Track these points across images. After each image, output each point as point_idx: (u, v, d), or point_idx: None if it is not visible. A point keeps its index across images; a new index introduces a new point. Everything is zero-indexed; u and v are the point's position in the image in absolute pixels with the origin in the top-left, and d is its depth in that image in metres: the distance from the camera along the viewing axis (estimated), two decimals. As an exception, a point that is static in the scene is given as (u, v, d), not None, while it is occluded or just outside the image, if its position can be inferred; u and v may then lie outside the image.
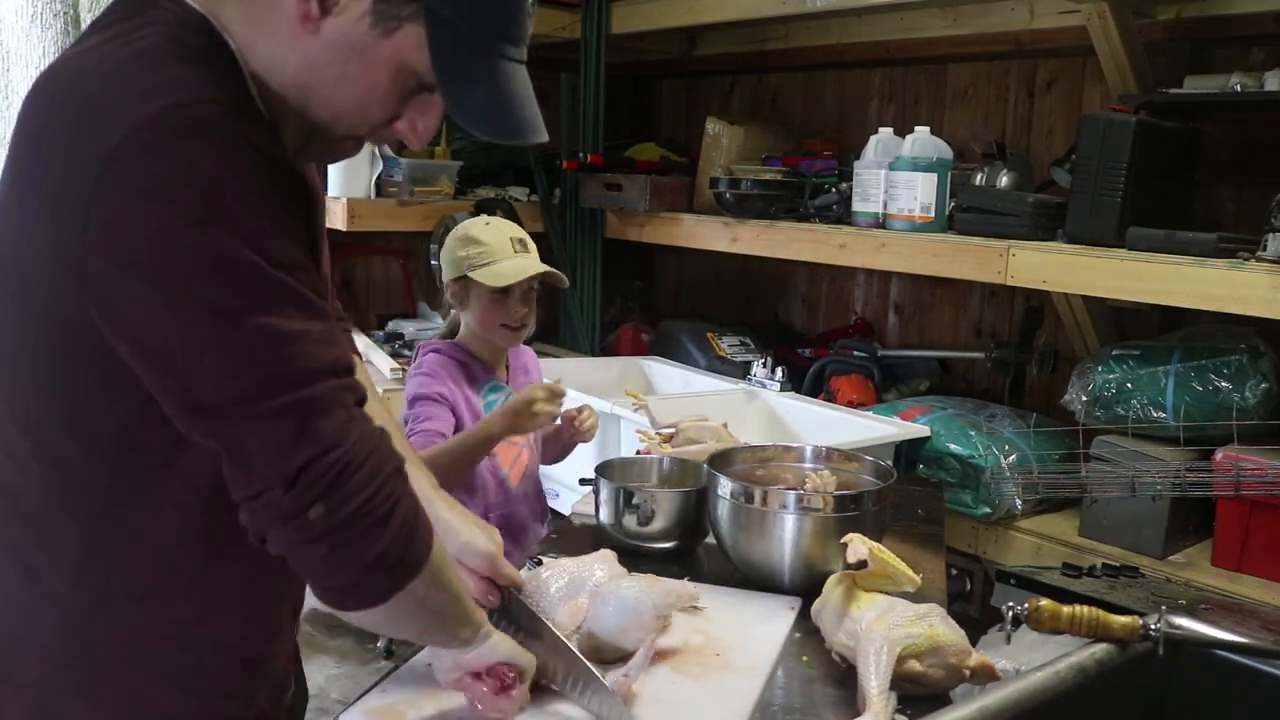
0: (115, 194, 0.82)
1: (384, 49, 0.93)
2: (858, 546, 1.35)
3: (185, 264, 0.82)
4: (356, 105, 0.96)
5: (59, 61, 0.94)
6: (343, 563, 0.89)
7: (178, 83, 0.85)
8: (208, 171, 0.83)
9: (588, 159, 3.43)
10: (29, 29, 2.80)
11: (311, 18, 0.91)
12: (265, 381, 0.85)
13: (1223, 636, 1.22)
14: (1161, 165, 2.24)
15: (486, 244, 1.92)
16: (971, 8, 2.77)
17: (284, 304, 0.85)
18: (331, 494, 0.86)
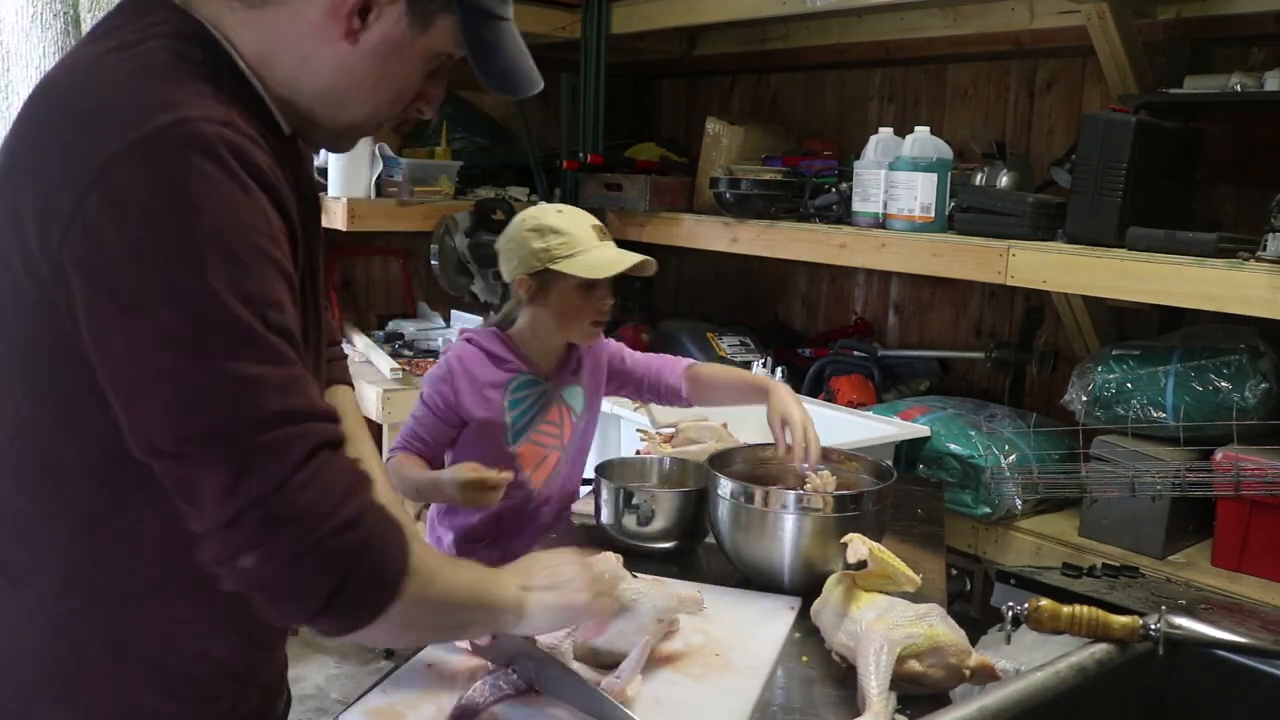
0: (102, 203, 0.81)
1: (420, 43, 0.97)
2: (857, 546, 1.35)
3: (150, 289, 0.81)
4: (394, 99, 1.01)
5: (60, 67, 0.94)
6: (281, 609, 0.88)
7: (180, 100, 0.85)
8: (194, 196, 0.82)
9: (588, 159, 3.43)
10: (29, 29, 2.80)
11: (353, 31, 0.94)
12: (208, 427, 0.83)
13: (1223, 636, 1.22)
14: (1161, 165, 2.24)
15: (569, 233, 1.79)
16: (971, 8, 2.77)
17: (244, 347, 0.84)
18: (260, 545, 0.84)
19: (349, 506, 0.88)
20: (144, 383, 0.83)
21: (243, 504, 0.83)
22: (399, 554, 0.91)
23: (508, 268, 1.86)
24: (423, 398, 1.87)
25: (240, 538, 0.84)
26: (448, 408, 1.84)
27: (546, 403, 1.90)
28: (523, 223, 1.85)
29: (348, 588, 0.87)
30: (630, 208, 3.28)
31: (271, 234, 0.87)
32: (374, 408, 2.88)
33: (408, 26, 0.96)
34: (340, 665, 2.99)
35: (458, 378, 1.84)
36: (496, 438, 1.85)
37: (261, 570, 0.85)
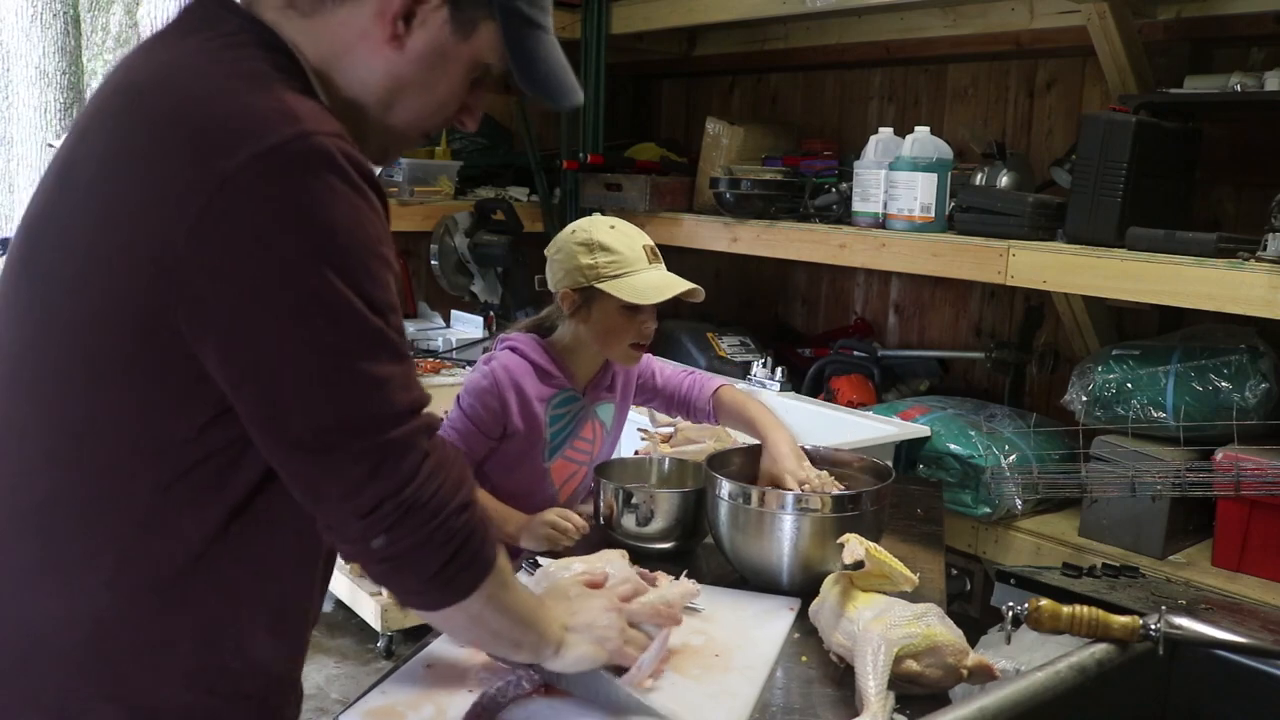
0: (233, 213, 0.84)
1: (464, 50, 1.00)
2: (854, 547, 1.35)
3: (295, 299, 0.86)
4: (437, 106, 1.03)
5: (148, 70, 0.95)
6: (397, 579, 0.99)
7: (297, 113, 0.88)
8: (325, 210, 0.86)
9: (588, 159, 3.43)
10: (29, 29, 2.80)
11: (399, 37, 0.96)
12: (350, 423, 0.90)
13: (1223, 636, 1.21)
14: (1161, 165, 2.24)
15: (620, 253, 1.72)
16: (971, 8, 2.77)
17: (377, 349, 0.90)
18: (394, 529, 0.93)
19: (464, 492, 0.98)
20: (284, 382, 0.88)
21: (379, 495, 0.92)
22: (492, 544, 1.02)
23: (553, 278, 1.79)
24: (463, 408, 1.78)
25: (377, 524, 0.93)
26: (493, 420, 1.76)
27: (583, 419, 1.86)
28: (573, 235, 1.77)
29: (455, 562, 0.97)
30: (630, 208, 3.28)
31: (388, 240, 0.93)
32: (374, 408, 2.87)
33: (451, 33, 0.98)
34: (340, 665, 2.99)
35: (505, 390, 1.76)
36: (535, 454, 1.81)
37: (390, 549, 0.94)
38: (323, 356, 0.88)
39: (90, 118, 0.97)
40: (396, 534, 0.93)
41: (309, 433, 0.89)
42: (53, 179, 0.99)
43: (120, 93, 0.95)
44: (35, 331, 0.95)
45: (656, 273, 1.75)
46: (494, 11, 0.99)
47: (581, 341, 1.81)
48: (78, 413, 0.93)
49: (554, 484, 1.85)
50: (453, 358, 3.22)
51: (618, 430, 1.96)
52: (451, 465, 0.98)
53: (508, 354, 1.80)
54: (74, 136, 0.99)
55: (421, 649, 1.35)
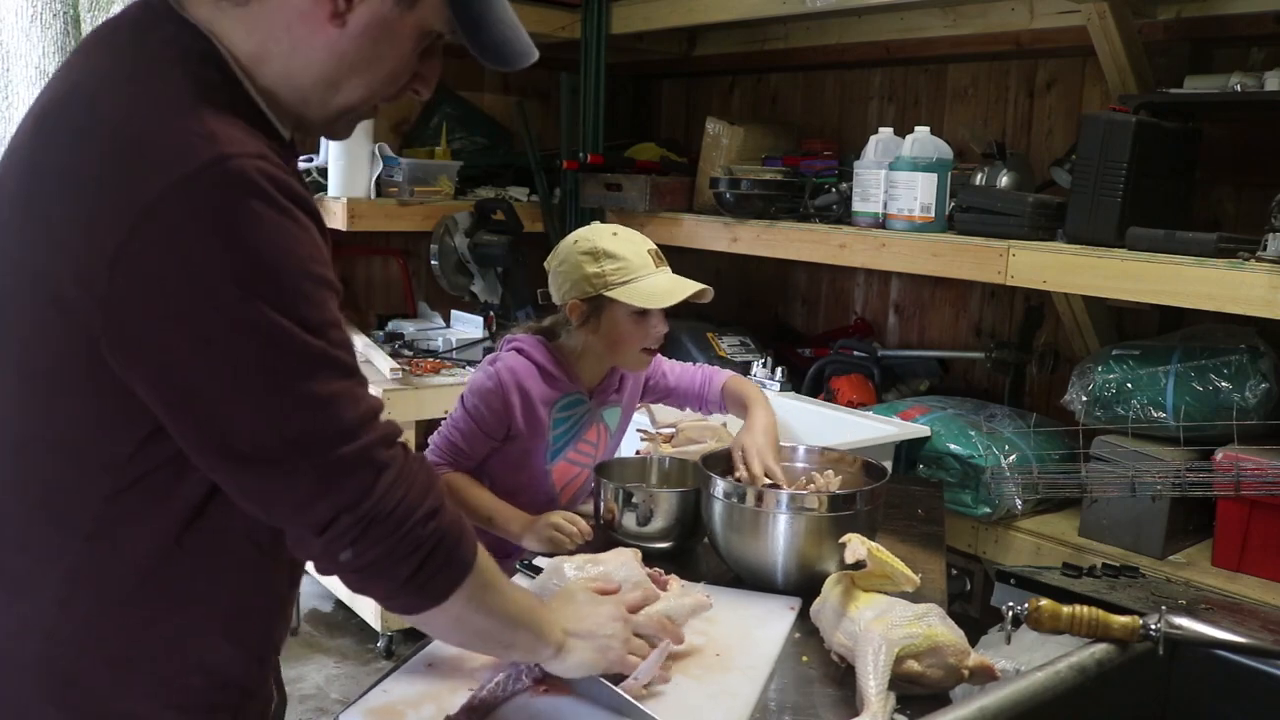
0: (155, 244, 0.83)
1: (409, 20, 0.97)
2: (856, 546, 1.35)
3: (223, 327, 0.85)
4: (387, 78, 1.00)
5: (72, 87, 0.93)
6: (371, 587, 0.98)
7: (216, 135, 0.86)
8: (247, 235, 0.85)
9: (588, 159, 3.43)
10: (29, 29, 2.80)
11: (339, 13, 0.93)
12: (298, 442, 0.89)
13: (1223, 636, 1.22)
14: (1161, 165, 2.23)
15: (626, 258, 1.73)
16: (971, 8, 2.77)
17: (317, 368, 0.89)
18: (359, 542, 0.93)
19: (430, 499, 0.97)
20: (231, 411, 0.87)
21: (335, 511, 0.91)
22: (470, 545, 1.02)
23: (558, 291, 1.79)
24: (466, 408, 1.78)
25: (338, 539, 0.92)
26: (496, 421, 1.77)
27: (588, 423, 1.86)
28: (575, 245, 1.77)
29: (426, 568, 0.97)
30: (630, 208, 3.27)
31: (322, 257, 0.91)
32: (374, 408, 2.87)
33: (394, 5, 0.95)
34: (340, 665, 2.99)
35: (510, 391, 1.76)
36: (537, 455, 1.81)
37: (359, 561, 0.94)
38: (260, 381, 0.87)
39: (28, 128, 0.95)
40: (362, 547, 0.93)
41: (253, 453, 0.89)
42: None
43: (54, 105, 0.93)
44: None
45: (665, 276, 1.76)
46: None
47: (590, 349, 1.80)
48: (17, 429, 0.92)
49: (555, 485, 1.85)
50: (453, 358, 3.22)
51: (621, 433, 1.96)
52: (416, 473, 0.97)
53: (513, 355, 1.79)
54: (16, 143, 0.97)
55: (422, 648, 1.35)
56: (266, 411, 0.88)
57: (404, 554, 0.95)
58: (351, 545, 0.93)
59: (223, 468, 0.90)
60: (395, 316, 3.67)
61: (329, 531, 0.92)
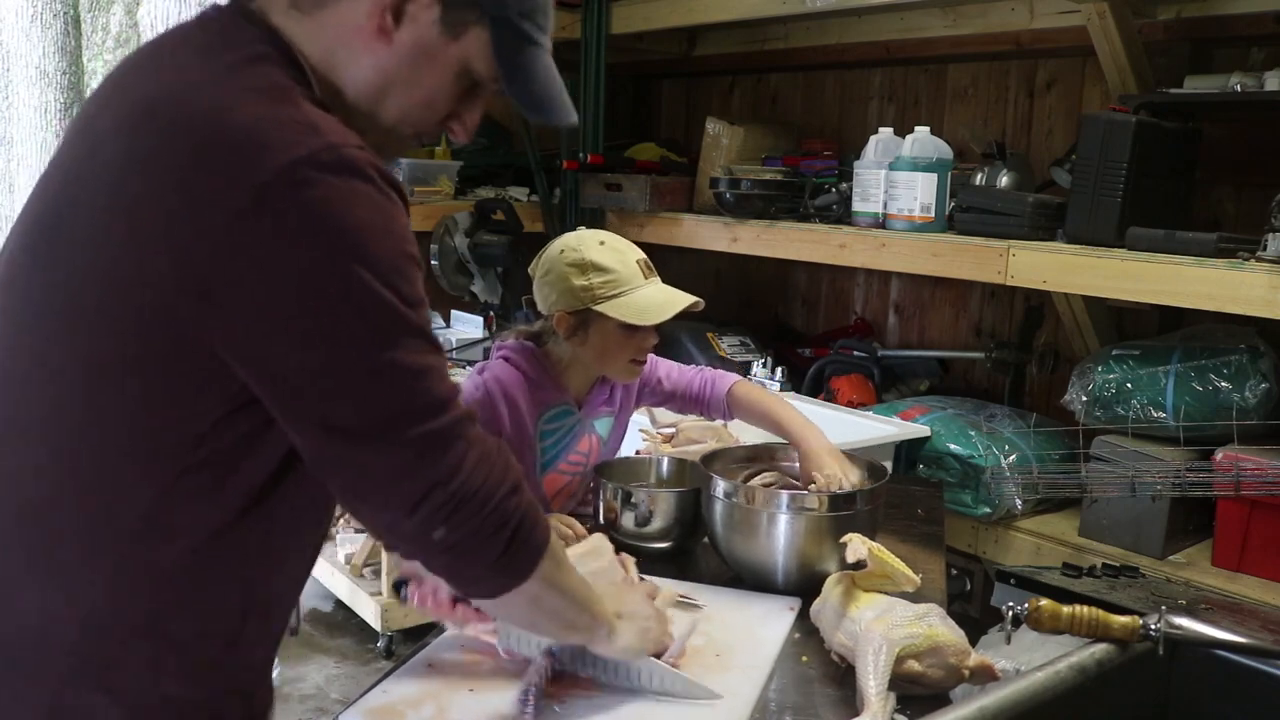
0: (263, 227, 0.86)
1: (451, 51, 1.01)
2: (857, 546, 1.35)
3: (330, 302, 0.88)
4: (423, 105, 1.04)
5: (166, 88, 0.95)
6: (460, 568, 1.01)
7: (320, 126, 0.90)
8: (354, 213, 0.89)
9: (588, 159, 3.43)
10: (29, 29, 2.80)
11: (386, 29, 0.98)
12: (397, 414, 0.92)
13: (1223, 636, 1.22)
14: (1161, 165, 2.24)
15: (614, 271, 1.67)
16: (971, 8, 2.77)
17: (414, 340, 0.93)
18: (451, 519, 0.95)
19: (511, 476, 1.00)
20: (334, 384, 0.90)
21: (429, 485, 0.93)
22: (544, 525, 1.04)
23: (544, 301, 1.74)
24: None
25: (432, 516, 0.94)
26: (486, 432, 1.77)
27: (578, 434, 1.83)
28: (561, 255, 1.71)
29: (515, 543, 1.00)
30: (630, 208, 3.28)
31: (413, 240, 0.95)
32: (374, 408, 2.87)
33: (440, 33, 1.00)
34: (340, 665, 2.99)
35: (497, 401, 1.72)
36: (524, 466, 1.79)
37: (451, 538, 0.96)
38: (363, 350, 0.90)
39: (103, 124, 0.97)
40: (454, 523, 0.95)
41: (355, 422, 0.91)
42: (59, 184, 0.99)
43: (140, 104, 0.95)
44: (43, 333, 0.95)
45: (655, 288, 1.71)
46: (484, 18, 1.01)
47: (578, 359, 1.77)
48: (85, 411, 0.93)
49: (546, 494, 1.83)
50: (453, 358, 3.22)
51: (615, 442, 1.93)
52: (497, 452, 1.00)
53: (501, 364, 1.76)
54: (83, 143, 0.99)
55: (422, 648, 1.35)
56: (367, 380, 0.91)
57: (492, 530, 0.97)
58: (445, 522, 0.95)
59: (322, 442, 0.93)
60: (395, 316, 3.66)
61: (423, 508, 0.94)
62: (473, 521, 0.96)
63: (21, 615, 0.95)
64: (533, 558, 1.02)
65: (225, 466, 0.94)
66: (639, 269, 1.70)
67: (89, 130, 1.00)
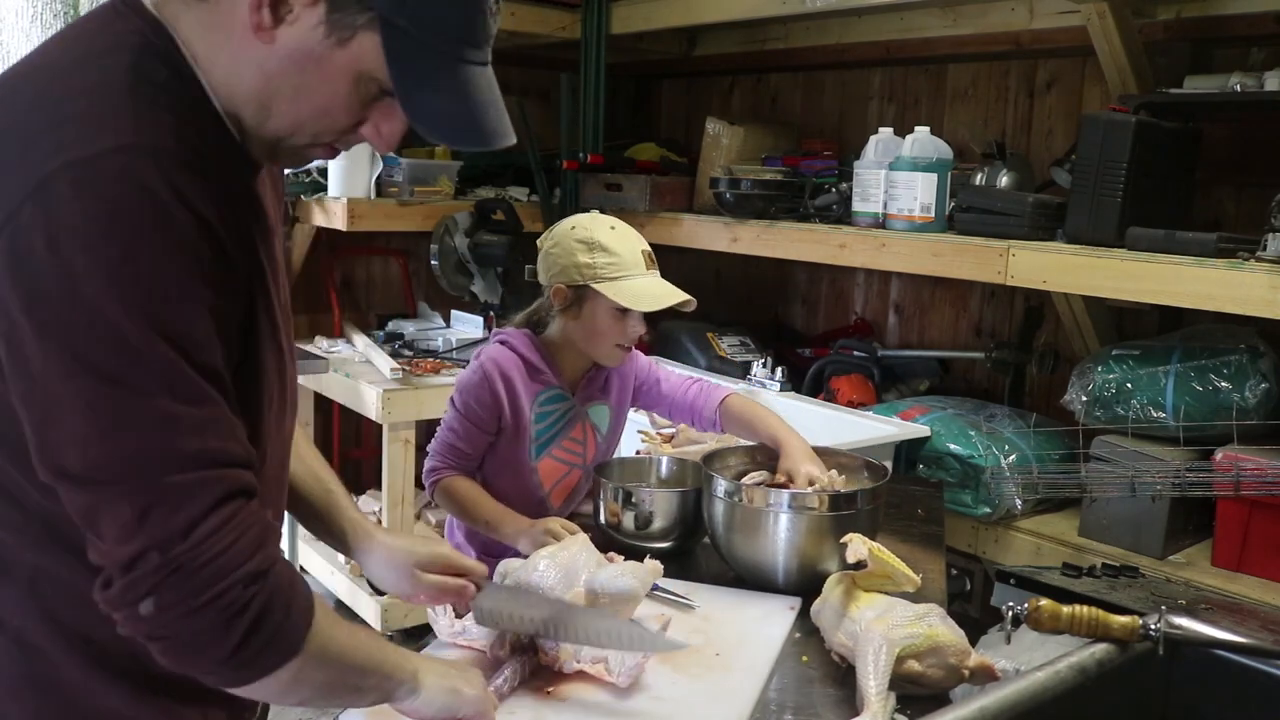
0: (33, 221, 0.80)
1: (340, 58, 0.91)
2: (857, 546, 1.35)
3: (76, 316, 0.80)
4: (317, 114, 0.94)
5: (28, 63, 0.92)
6: (179, 660, 0.87)
7: (128, 126, 0.83)
8: (127, 228, 0.81)
9: (588, 159, 3.43)
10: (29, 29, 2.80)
11: (264, 27, 0.89)
12: (125, 460, 0.82)
13: (1223, 636, 1.22)
14: (1161, 165, 2.24)
15: (619, 255, 1.72)
16: (971, 8, 2.77)
17: (164, 384, 0.83)
18: (160, 591, 0.83)
19: (256, 559, 0.87)
20: (58, 406, 0.82)
21: (144, 545, 0.82)
22: (304, 610, 0.91)
23: (546, 272, 1.79)
24: (458, 406, 1.78)
25: (140, 582, 0.83)
26: (488, 414, 1.76)
27: (573, 420, 1.85)
28: (572, 230, 1.76)
29: (251, 643, 0.86)
30: (630, 208, 3.28)
31: (203, 273, 0.85)
32: (373, 408, 2.87)
33: (324, 36, 0.89)
34: (340, 665, 2.99)
35: (495, 382, 1.76)
36: (520, 450, 1.81)
37: (160, 618, 0.83)
38: (97, 382, 0.81)
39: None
40: (164, 597, 0.83)
41: (74, 462, 0.83)
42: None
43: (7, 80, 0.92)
44: None
45: (653, 279, 1.75)
46: (374, 22, 0.89)
47: (570, 339, 1.81)
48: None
49: (543, 485, 1.84)
50: (453, 358, 3.22)
51: (614, 435, 1.94)
52: (249, 528, 0.87)
53: (497, 347, 1.80)
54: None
55: (422, 649, 1.35)
56: (99, 418, 0.82)
57: (216, 621, 0.84)
58: (152, 594, 0.82)
59: (51, 474, 0.84)
60: (395, 316, 3.67)
61: (133, 570, 0.82)
62: (189, 602, 0.83)
63: None
64: (285, 652, 0.89)
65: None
66: (643, 259, 1.75)
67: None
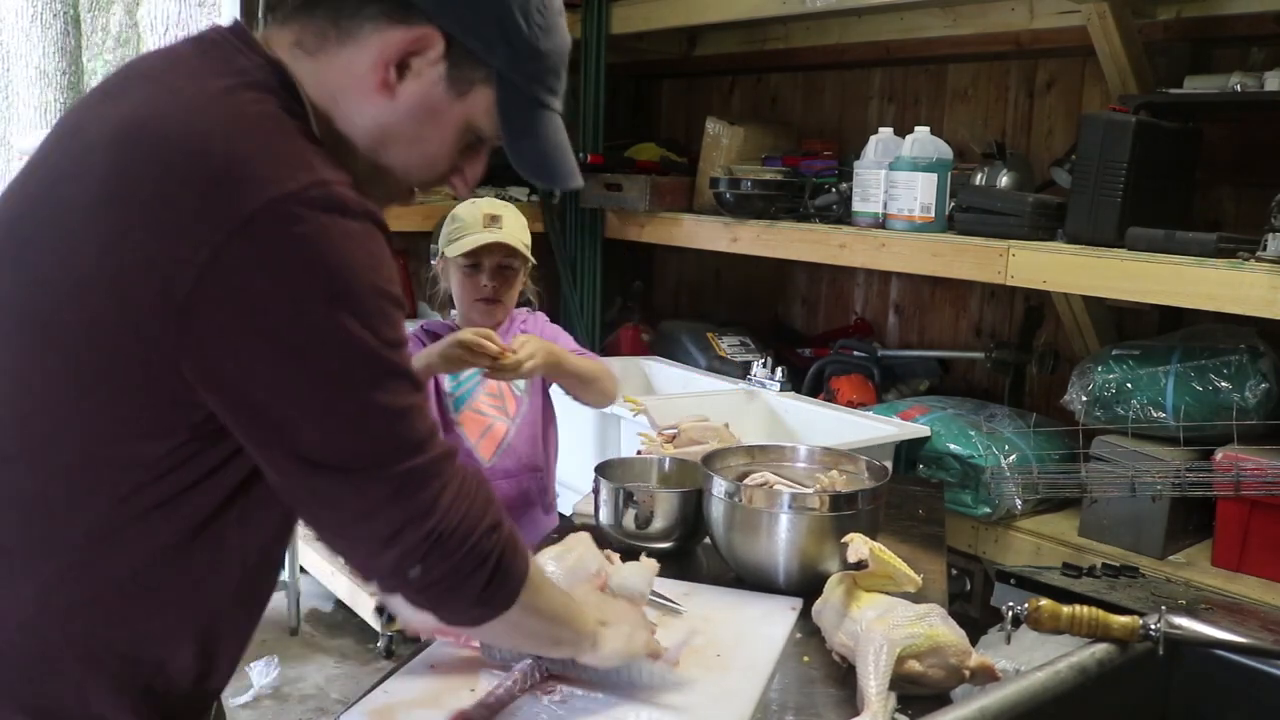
0: (248, 259, 0.85)
1: (456, 110, 1.00)
2: (858, 546, 1.35)
3: (311, 337, 0.88)
4: (425, 161, 1.04)
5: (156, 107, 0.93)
6: (438, 604, 1.00)
7: (312, 161, 0.90)
8: (338, 252, 0.88)
9: (588, 159, 3.43)
10: (29, 29, 2.81)
11: (390, 84, 0.97)
12: (374, 453, 0.92)
13: (1223, 636, 1.22)
14: (1161, 165, 2.24)
15: (461, 219, 1.96)
16: (971, 8, 2.77)
17: (394, 380, 0.92)
18: (427, 558, 0.95)
19: (491, 512, 1.00)
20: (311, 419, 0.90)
21: (402, 522, 0.93)
22: (524, 553, 1.04)
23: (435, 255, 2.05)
24: None
25: (407, 555, 0.94)
26: None
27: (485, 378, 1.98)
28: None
29: (494, 580, 0.99)
30: (630, 208, 3.28)
31: (396, 280, 0.95)
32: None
33: (445, 90, 0.98)
34: (340, 665, 2.99)
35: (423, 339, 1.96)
36: (442, 406, 1.98)
37: (425, 578, 0.95)
38: (332, 388, 0.90)
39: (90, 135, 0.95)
40: (431, 562, 0.95)
41: (331, 458, 0.91)
42: (40, 188, 0.97)
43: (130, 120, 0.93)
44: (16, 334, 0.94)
45: (486, 233, 1.94)
46: (491, 77, 0.99)
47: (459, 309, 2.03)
48: (47, 417, 0.92)
49: (468, 436, 1.98)
50: (453, 358, 3.22)
51: (536, 395, 2.07)
52: (477, 488, 0.99)
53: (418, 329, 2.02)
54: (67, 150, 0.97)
55: (423, 648, 1.35)
56: (343, 420, 0.90)
57: (471, 569, 0.97)
58: (421, 561, 0.94)
59: (295, 476, 0.92)
60: (395, 316, 3.66)
61: (396, 546, 0.93)
62: (450, 560, 0.96)
63: None
64: (512, 592, 1.03)
65: (179, 490, 0.93)
66: (482, 219, 1.96)
67: (75, 137, 0.97)
